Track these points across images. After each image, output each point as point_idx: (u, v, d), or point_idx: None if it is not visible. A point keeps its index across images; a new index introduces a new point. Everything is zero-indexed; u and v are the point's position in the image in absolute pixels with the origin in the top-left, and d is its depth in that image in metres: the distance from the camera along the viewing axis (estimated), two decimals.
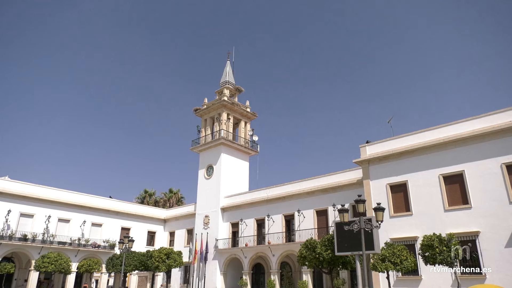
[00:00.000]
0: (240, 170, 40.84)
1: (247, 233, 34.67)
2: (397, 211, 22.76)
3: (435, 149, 22.08)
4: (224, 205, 37.59)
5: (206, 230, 37.62)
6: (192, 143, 42.34)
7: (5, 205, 32.79)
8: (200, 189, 40.46)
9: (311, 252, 20.45)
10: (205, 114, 42.72)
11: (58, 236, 35.20)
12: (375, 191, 23.85)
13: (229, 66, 45.19)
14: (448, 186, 21.24)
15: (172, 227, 43.86)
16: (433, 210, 21.22)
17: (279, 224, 32.51)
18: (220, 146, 39.37)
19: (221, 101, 40.58)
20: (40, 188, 36.09)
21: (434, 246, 16.16)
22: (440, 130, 22.36)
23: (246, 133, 42.77)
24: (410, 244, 21.08)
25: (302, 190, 31.47)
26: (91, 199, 39.46)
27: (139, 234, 40.86)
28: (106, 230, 39.28)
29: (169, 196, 57.68)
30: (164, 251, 30.31)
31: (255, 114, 43.78)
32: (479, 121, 21.06)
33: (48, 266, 29.32)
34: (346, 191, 27.96)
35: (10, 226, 32.69)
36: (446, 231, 17.80)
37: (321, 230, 28.91)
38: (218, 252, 35.99)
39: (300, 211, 30.78)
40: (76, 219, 37.24)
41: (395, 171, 23.42)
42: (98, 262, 34.15)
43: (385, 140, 24.83)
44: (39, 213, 34.87)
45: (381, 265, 17.94)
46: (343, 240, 18.65)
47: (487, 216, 19.32)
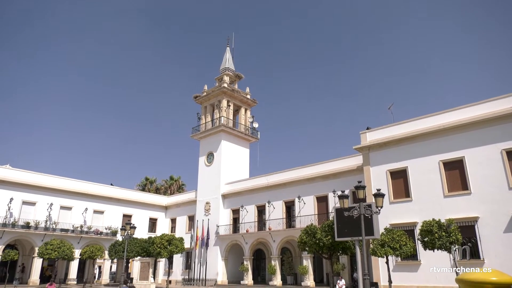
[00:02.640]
0: (241, 157, 40.93)
1: (248, 219, 34.95)
2: (397, 197, 22.90)
3: (436, 135, 22.09)
4: (224, 191, 37.79)
5: (207, 217, 37.91)
6: (192, 130, 42.36)
7: (7, 193, 33.00)
8: (200, 176, 40.62)
9: (311, 237, 20.65)
10: (205, 101, 42.60)
11: (61, 224, 35.51)
12: (375, 177, 23.95)
13: (229, 53, 44.89)
14: (448, 172, 21.32)
15: (173, 213, 44.19)
16: (432, 196, 21.34)
17: (279, 210, 32.75)
18: (220, 133, 39.38)
19: (221, 88, 40.42)
20: (41, 176, 36.24)
21: (434, 232, 16.31)
22: (441, 116, 22.34)
23: (246, 120, 42.71)
24: (409, 230, 21.27)
25: (302, 177, 31.60)
26: (92, 187, 39.67)
27: (141, 221, 41.18)
28: (108, 217, 39.58)
29: (170, 183, 57.92)
30: (165, 237, 30.60)
31: (255, 101, 43.65)
32: (479, 107, 21.02)
33: (52, 253, 29.64)
34: (346, 177, 28.07)
35: (13, 214, 32.96)
36: (445, 217, 17.93)
37: (321, 216, 29.13)
38: (219, 238, 36.33)
39: (301, 197, 30.97)
40: (78, 207, 37.50)
41: (395, 158, 23.48)
42: (100, 249, 34.45)
43: (385, 127, 24.82)
44: (41, 201, 35.09)
45: (381, 250, 18.13)
46: (343, 225, 18.78)
47: (486, 201, 19.44)
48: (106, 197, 40.01)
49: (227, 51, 44.90)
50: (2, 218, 32.00)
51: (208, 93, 42.00)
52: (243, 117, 42.74)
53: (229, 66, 43.61)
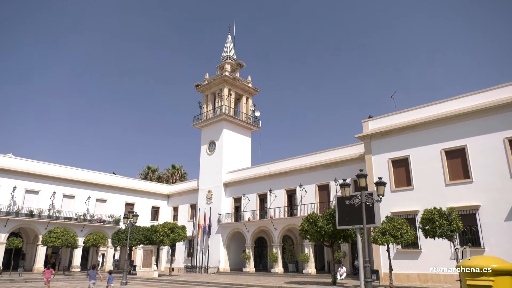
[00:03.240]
0: (242, 145, 40.94)
1: (250, 207, 35.12)
2: (399, 185, 22.92)
3: (438, 124, 22.00)
4: (226, 180, 37.91)
5: (209, 205, 38.11)
6: (193, 119, 42.31)
7: (10, 182, 33.20)
8: (202, 165, 40.71)
9: (313, 226, 20.75)
10: (207, 90, 42.45)
11: (64, 212, 35.79)
12: (376, 166, 23.96)
13: (230, 41, 44.54)
14: (450, 161, 21.29)
15: (176, 202, 44.42)
16: (434, 185, 21.35)
17: (281, 199, 32.88)
18: (222, 122, 39.33)
19: (222, 76, 40.23)
20: (44, 165, 36.40)
21: (435, 220, 16.35)
22: (443, 104, 22.22)
23: (248, 108, 42.60)
24: (410, 218, 21.34)
25: (304, 165, 31.64)
26: (95, 175, 39.86)
27: (143, 209, 41.45)
28: (110, 205, 39.84)
29: (172, 172, 58.10)
30: (168, 225, 30.82)
31: (256, 89, 43.46)
32: (482, 96, 20.88)
33: (55, 240, 29.94)
34: (347, 166, 28.09)
35: (16, 203, 33.20)
36: (446, 205, 17.96)
37: (323, 204, 29.24)
38: (221, 226, 36.58)
39: (302, 186, 31.05)
40: (81, 195, 37.73)
41: (397, 146, 23.44)
42: (104, 237, 34.80)
43: (387, 115, 24.73)
44: (44, 189, 35.31)
45: (382, 238, 18.23)
46: (344, 214, 18.86)
47: (488, 190, 19.45)
48: (109, 185, 40.22)
49: (228, 39, 44.58)
50: (6, 206, 32.26)
51: (209, 82, 41.83)
52: (244, 106, 42.62)
53: (230, 55, 43.33)
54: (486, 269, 4.03)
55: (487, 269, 4.02)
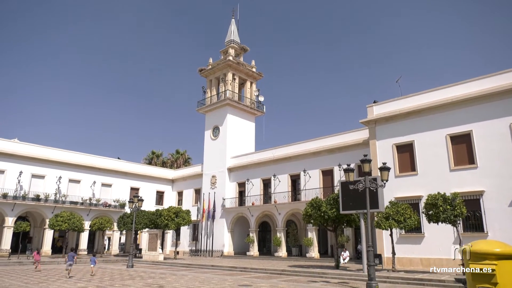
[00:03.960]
0: (246, 130, 40.91)
1: (254, 192, 35.31)
2: (403, 170, 22.89)
3: (443, 109, 21.81)
4: (230, 165, 38.03)
5: (213, 190, 38.34)
6: (197, 104, 42.24)
7: (16, 167, 33.50)
8: (206, 150, 40.80)
9: (317, 210, 20.87)
10: (210, 75, 42.23)
11: (70, 196, 36.18)
12: (381, 151, 23.89)
13: (234, 25, 44.06)
14: (455, 146, 21.17)
15: (180, 187, 44.73)
16: (438, 170, 21.30)
17: (285, 184, 33.00)
18: (226, 107, 39.23)
19: (226, 61, 39.96)
20: (50, 150, 36.64)
21: (438, 205, 16.36)
22: (448, 89, 21.99)
23: (252, 93, 42.41)
24: (414, 203, 21.38)
25: (308, 151, 31.63)
26: (100, 160, 40.11)
27: (148, 194, 41.80)
28: (115, 190, 40.20)
29: (176, 157, 58.31)
30: (173, 210, 31.12)
31: (260, 74, 43.17)
32: (488, 81, 20.61)
33: (62, 224, 30.36)
34: (352, 151, 28.06)
35: (23, 187, 33.57)
36: (451, 191, 17.94)
37: (327, 189, 29.33)
38: (225, 211, 36.87)
39: (306, 171, 31.11)
40: (86, 180, 38.05)
41: (402, 131, 23.31)
42: (109, 221, 35.22)
43: (392, 100, 24.53)
44: (50, 174, 35.63)
45: (385, 223, 18.32)
46: (348, 199, 18.97)
47: (492, 176, 19.38)
48: (114, 170, 40.50)
49: (232, 23, 44.10)
50: (13, 191, 32.64)
51: (213, 66, 41.58)
52: (248, 91, 42.43)
53: (234, 39, 42.93)
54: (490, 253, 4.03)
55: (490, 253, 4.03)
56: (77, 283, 14.91)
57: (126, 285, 14.15)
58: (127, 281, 15.64)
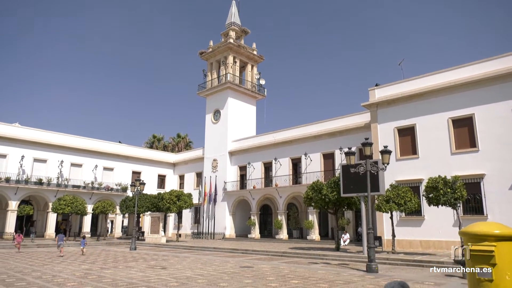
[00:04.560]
0: (247, 114, 40.81)
1: (255, 176, 35.47)
2: (404, 154, 22.90)
3: (445, 92, 21.66)
4: (231, 149, 38.09)
5: (214, 173, 38.50)
6: (198, 88, 42.02)
7: (18, 151, 33.61)
8: (208, 134, 40.80)
9: (317, 193, 20.99)
10: (211, 58, 41.87)
11: (72, 180, 36.39)
12: (382, 135, 23.86)
13: (235, 6, 43.46)
14: (457, 130, 21.12)
15: (181, 170, 44.92)
16: (440, 153, 21.30)
17: (286, 167, 33.11)
18: (227, 90, 39.04)
19: (227, 43, 39.56)
20: (51, 134, 36.69)
21: (439, 188, 16.43)
22: (451, 72, 21.79)
23: (253, 76, 42.13)
24: (415, 186, 21.45)
25: (309, 134, 31.62)
26: (101, 144, 40.19)
27: (150, 178, 41.99)
28: (117, 174, 40.41)
29: (177, 141, 58.39)
30: (174, 193, 31.33)
31: (261, 57, 42.79)
32: (491, 64, 20.41)
33: (65, 208, 30.63)
34: (353, 135, 28.03)
35: (25, 171, 33.75)
36: (451, 174, 17.99)
37: (328, 173, 29.44)
38: (226, 194, 37.10)
39: (307, 154, 31.16)
40: (88, 164, 38.22)
41: (404, 115, 23.22)
42: (112, 204, 35.50)
43: (394, 83, 24.36)
44: (52, 158, 35.76)
45: (385, 206, 18.43)
46: (349, 182, 19.06)
47: (493, 159, 19.39)
48: (115, 154, 40.61)
49: (233, 4, 43.48)
50: (15, 175, 32.82)
51: (214, 49, 41.19)
52: (249, 74, 42.14)
53: (235, 21, 42.40)
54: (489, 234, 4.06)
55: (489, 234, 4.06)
56: (81, 265, 15.14)
57: (129, 267, 14.37)
58: (131, 263, 15.88)
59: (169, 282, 10.38)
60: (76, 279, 10.99)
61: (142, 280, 10.87)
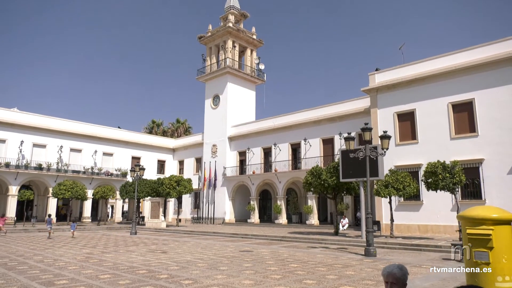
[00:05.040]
0: (247, 99, 40.64)
1: (254, 161, 35.54)
2: (403, 139, 22.91)
3: (445, 77, 21.54)
4: (231, 134, 38.06)
5: (214, 159, 38.57)
6: (197, 72, 41.73)
7: (17, 136, 33.54)
8: (207, 119, 40.70)
9: (317, 178, 21.07)
10: (210, 42, 41.46)
11: (72, 165, 36.44)
12: (382, 120, 23.82)
13: None
14: (457, 115, 21.07)
15: (181, 156, 44.98)
16: (439, 139, 21.30)
17: (285, 153, 33.15)
18: (226, 75, 38.78)
19: (226, 27, 39.12)
20: (50, 119, 36.58)
21: (438, 173, 16.48)
22: (451, 57, 21.63)
23: (252, 61, 41.80)
24: (414, 171, 21.53)
25: (308, 119, 31.56)
26: (101, 130, 40.12)
27: (149, 163, 42.06)
28: (117, 159, 40.45)
29: (176, 126, 58.30)
30: (174, 178, 31.43)
31: (261, 41, 42.38)
32: (491, 48, 20.24)
33: (65, 193, 30.77)
34: (352, 120, 27.97)
35: (25, 156, 33.76)
36: (450, 159, 18.02)
37: (327, 158, 29.49)
38: (226, 179, 37.24)
39: (307, 139, 31.16)
40: (88, 149, 38.22)
41: (404, 100, 23.14)
42: (112, 189, 35.65)
43: (394, 68, 24.20)
44: (51, 143, 35.74)
45: (384, 191, 18.51)
46: (348, 167, 19.10)
47: (493, 144, 19.41)
48: (115, 139, 40.58)
49: None
50: (15, 160, 32.84)
51: (213, 34, 40.75)
52: (249, 59, 41.80)
53: (234, 4, 41.81)
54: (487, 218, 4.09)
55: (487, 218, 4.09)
56: (82, 249, 15.28)
57: (130, 251, 14.51)
58: (131, 247, 16.03)
59: (169, 266, 10.50)
60: (77, 263, 11.11)
61: (143, 264, 10.99)
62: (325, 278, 8.63)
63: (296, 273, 9.29)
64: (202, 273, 9.26)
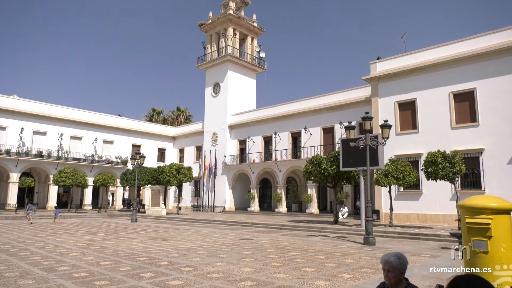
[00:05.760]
0: (247, 87, 40.47)
1: (255, 149, 35.56)
2: (404, 128, 22.85)
3: (447, 66, 21.38)
4: (231, 122, 38.01)
5: (214, 147, 38.59)
6: (198, 60, 41.47)
7: (18, 123, 33.52)
8: (207, 107, 40.60)
9: (317, 167, 21.11)
10: (210, 29, 41.11)
11: (72, 153, 36.49)
12: (383, 109, 23.73)
13: None
14: (458, 104, 20.99)
15: (181, 144, 44.99)
16: (440, 128, 21.25)
17: (285, 141, 33.15)
18: (227, 63, 38.55)
19: (226, 15, 38.74)
20: (50, 107, 36.51)
21: (438, 162, 16.49)
22: (453, 46, 21.44)
23: (253, 49, 41.50)
24: (414, 161, 21.53)
25: (309, 108, 31.47)
26: (101, 117, 40.07)
27: (150, 151, 42.09)
28: (117, 147, 40.49)
29: (177, 114, 58.20)
30: (174, 166, 31.49)
31: (262, 29, 42.02)
32: (493, 37, 20.04)
33: (66, 180, 30.88)
34: (353, 109, 27.90)
35: (25, 144, 33.79)
36: (451, 149, 18.02)
37: (327, 147, 29.49)
38: (226, 167, 37.31)
39: (307, 128, 31.13)
40: (88, 137, 38.23)
41: (405, 89, 23.02)
42: (112, 177, 35.76)
43: (396, 57, 24.01)
44: (52, 131, 35.73)
45: (384, 180, 18.56)
46: (348, 156, 19.12)
47: (493, 133, 19.37)
48: (115, 127, 40.56)
49: None
50: (15, 147, 32.88)
51: (213, 21, 40.38)
52: (249, 47, 41.49)
53: None
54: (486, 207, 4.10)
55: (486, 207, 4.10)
56: (83, 236, 15.39)
57: (131, 238, 14.62)
58: (132, 234, 16.15)
59: (170, 253, 10.58)
60: (78, 250, 11.20)
61: (143, 251, 11.08)
62: (324, 266, 8.70)
63: (296, 261, 9.36)
64: (202, 261, 9.33)
